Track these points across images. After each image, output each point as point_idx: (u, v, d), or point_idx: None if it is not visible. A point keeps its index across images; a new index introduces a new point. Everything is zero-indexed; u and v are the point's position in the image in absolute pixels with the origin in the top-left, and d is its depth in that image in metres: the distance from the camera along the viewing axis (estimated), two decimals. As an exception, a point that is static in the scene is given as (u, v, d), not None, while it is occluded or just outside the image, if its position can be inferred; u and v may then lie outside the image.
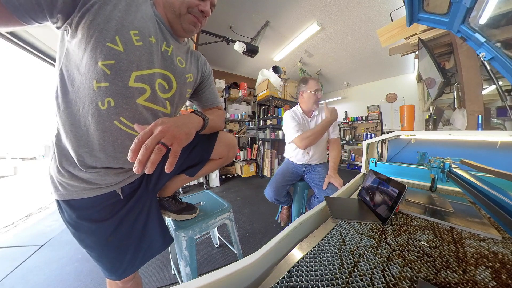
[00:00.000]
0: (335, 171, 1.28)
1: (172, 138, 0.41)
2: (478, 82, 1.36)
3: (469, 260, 0.42)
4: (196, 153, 0.72)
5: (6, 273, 1.22)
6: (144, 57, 0.51)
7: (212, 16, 0.64)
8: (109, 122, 0.49)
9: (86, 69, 0.45)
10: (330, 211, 0.64)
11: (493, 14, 0.87)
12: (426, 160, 0.84)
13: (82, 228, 0.54)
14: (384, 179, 0.71)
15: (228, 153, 0.78)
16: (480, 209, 0.68)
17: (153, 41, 0.52)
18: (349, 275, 0.38)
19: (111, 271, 0.59)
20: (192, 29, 0.58)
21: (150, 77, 0.53)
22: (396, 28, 1.83)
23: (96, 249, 0.57)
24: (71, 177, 0.51)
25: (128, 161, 0.57)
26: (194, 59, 0.70)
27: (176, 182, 0.80)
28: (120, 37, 0.46)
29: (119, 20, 0.46)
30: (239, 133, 3.74)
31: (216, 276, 0.31)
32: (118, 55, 0.46)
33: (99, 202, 0.55)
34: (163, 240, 0.70)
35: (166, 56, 0.57)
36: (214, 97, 0.78)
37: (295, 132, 1.32)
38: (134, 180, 0.62)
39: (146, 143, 0.38)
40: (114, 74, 0.47)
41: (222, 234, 1.46)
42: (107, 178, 0.54)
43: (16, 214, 2.13)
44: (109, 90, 0.47)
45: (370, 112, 4.57)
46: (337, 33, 2.88)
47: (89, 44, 0.44)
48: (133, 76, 0.49)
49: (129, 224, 0.60)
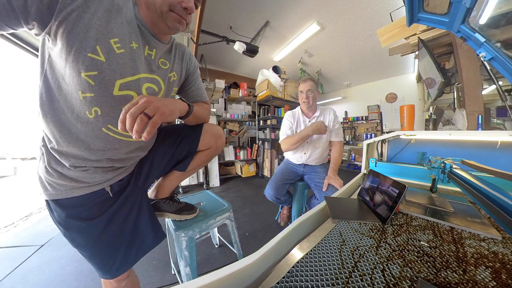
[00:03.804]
0: (335, 172, 1.27)
1: (155, 109, 0.44)
2: (478, 82, 1.36)
3: (469, 260, 0.42)
4: (183, 146, 0.73)
5: (6, 273, 1.22)
6: (127, 64, 0.50)
7: (212, 16, 0.63)
8: (97, 129, 0.50)
9: (70, 79, 0.45)
10: (330, 211, 0.64)
11: (493, 14, 0.87)
12: (426, 160, 0.84)
13: (72, 227, 0.55)
14: (384, 179, 0.71)
15: (216, 142, 0.78)
16: (480, 209, 0.68)
17: (134, 46, 0.51)
18: (349, 275, 0.38)
19: (104, 269, 0.59)
20: (177, 26, 0.56)
21: (136, 83, 0.52)
22: (396, 28, 1.83)
23: (87, 248, 0.57)
24: (60, 176, 0.52)
25: (119, 160, 0.56)
26: (179, 55, 0.68)
27: (170, 181, 0.80)
28: (101, 47, 0.45)
29: (99, 28, 0.44)
30: (239, 133, 3.74)
31: (216, 276, 0.31)
32: (101, 65, 0.46)
33: (89, 200, 0.55)
34: (155, 236, 0.70)
35: (150, 60, 0.57)
36: (200, 93, 0.78)
37: (282, 134, 1.47)
38: (123, 177, 0.63)
39: (130, 112, 0.41)
40: (98, 84, 0.46)
41: (222, 234, 1.46)
42: (96, 176, 0.55)
43: (16, 214, 2.12)
44: (95, 100, 0.47)
45: (370, 112, 4.57)
46: (337, 33, 2.88)
47: (70, 55, 0.43)
48: (117, 85, 0.49)
49: (120, 221, 0.61)
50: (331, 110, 1.45)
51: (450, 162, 0.72)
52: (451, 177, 0.68)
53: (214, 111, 3.20)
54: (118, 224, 0.60)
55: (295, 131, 1.45)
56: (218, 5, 2.30)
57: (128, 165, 0.63)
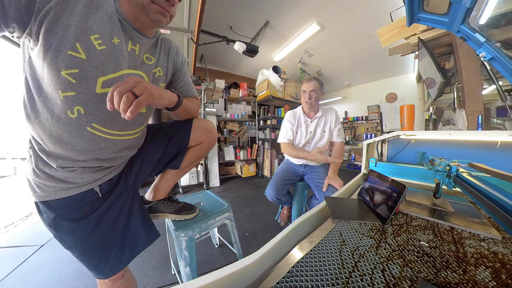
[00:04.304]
0: (335, 173, 1.27)
1: (144, 89, 0.43)
2: (478, 82, 1.36)
3: (469, 260, 0.42)
4: (174, 142, 0.72)
5: (6, 273, 1.22)
6: (110, 61, 0.49)
7: (212, 16, 0.63)
8: (81, 129, 0.49)
9: (49, 78, 0.44)
10: (330, 211, 0.64)
11: (493, 14, 0.87)
12: (426, 160, 0.84)
13: (62, 228, 0.54)
14: (384, 179, 0.71)
15: (208, 137, 0.76)
16: (480, 209, 0.68)
17: (116, 42, 0.50)
18: (349, 275, 0.38)
19: (97, 269, 0.59)
20: (160, 19, 0.54)
21: (119, 80, 0.51)
22: (396, 28, 1.83)
23: (77, 248, 0.57)
24: (48, 178, 0.51)
25: (107, 160, 0.56)
26: (164, 50, 0.66)
27: (166, 181, 0.79)
28: (81, 44, 0.44)
29: (78, 25, 0.43)
30: (239, 133, 3.73)
31: (216, 276, 0.31)
32: (81, 63, 0.45)
33: (77, 201, 0.55)
34: (148, 236, 0.70)
35: (134, 55, 0.55)
36: (189, 88, 0.76)
37: (282, 136, 1.46)
38: (113, 177, 0.62)
39: (118, 89, 0.40)
40: (79, 82, 0.45)
41: (222, 234, 1.46)
42: (84, 176, 0.54)
43: (16, 214, 2.12)
44: (77, 99, 0.46)
45: (370, 112, 4.57)
46: (337, 33, 2.88)
47: (49, 53, 0.42)
48: (99, 82, 0.48)
49: (110, 221, 0.60)
50: (333, 110, 1.44)
51: (456, 164, 0.65)
52: (458, 182, 0.60)
53: (214, 111, 3.20)
54: (109, 224, 0.60)
55: (295, 132, 1.45)
56: (218, 5, 2.31)
57: (117, 165, 0.62)
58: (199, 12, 1.71)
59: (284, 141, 1.44)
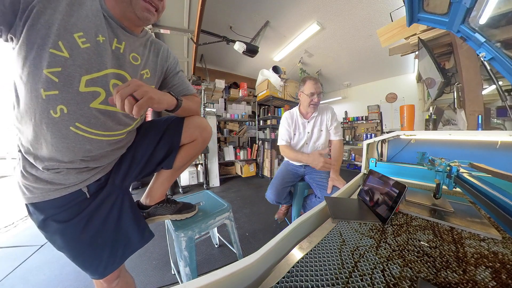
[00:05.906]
0: (337, 173, 1.26)
1: (144, 92, 0.45)
2: (478, 82, 1.36)
3: (469, 260, 0.42)
4: (165, 140, 0.69)
5: (6, 273, 1.22)
6: (94, 59, 0.48)
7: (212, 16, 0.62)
8: (65, 129, 0.48)
9: (31, 77, 0.43)
10: (330, 211, 0.64)
11: (493, 14, 0.87)
12: (426, 160, 0.84)
13: (52, 230, 0.54)
14: (384, 179, 0.71)
15: (201, 134, 0.74)
16: (480, 209, 0.68)
17: (101, 40, 0.49)
18: (349, 275, 0.38)
19: (90, 269, 0.59)
20: (147, 16, 0.53)
21: (103, 79, 0.51)
22: (396, 28, 1.82)
23: (69, 249, 0.57)
24: (35, 180, 0.51)
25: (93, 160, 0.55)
26: (154, 52, 0.65)
27: (162, 183, 0.78)
28: (63, 42, 0.43)
29: (61, 23, 0.43)
30: (239, 133, 3.74)
31: (216, 276, 0.31)
32: (64, 61, 0.44)
33: (65, 202, 0.55)
34: (141, 236, 0.68)
35: (119, 54, 0.54)
36: (185, 87, 0.75)
37: (281, 138, 1.48)
38: (101, 177, 0.61)
39: (119, 93, 0.43)
40: (62, 81, 0.45)
41: (222, 234, 1.46)
42: (70, 177, 0.54)
43: (16, 214, 2.12)
44: (60, 98, 0.46)
45: (370, 112, 4.57)
46: (337, 33, 2.88)
47: (32, 52, 0.42)
48: (83, 81, 0.47)
49: (100, 221, 0.59)
50: (329, 108, 1.42)
51: (457, 165, 0.64)
52: (458, 183, 0.60)
53: (214, 111, 3.20)
54: (98, 224, 0.59)
55: (292, 133, 1.45)
56: (218, 5, 2.30)
57: (104, 165, 0.61)
58: (199, 12, 1.71)
59: (283, 143, 1.45)
